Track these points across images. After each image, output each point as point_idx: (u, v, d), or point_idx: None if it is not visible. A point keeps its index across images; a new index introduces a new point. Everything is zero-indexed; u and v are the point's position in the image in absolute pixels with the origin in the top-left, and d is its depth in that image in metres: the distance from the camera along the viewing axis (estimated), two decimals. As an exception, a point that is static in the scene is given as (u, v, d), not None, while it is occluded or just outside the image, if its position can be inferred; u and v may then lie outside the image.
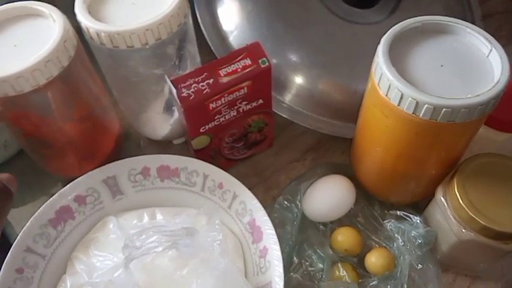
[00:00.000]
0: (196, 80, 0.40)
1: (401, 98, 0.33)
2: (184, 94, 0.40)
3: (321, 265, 0.44)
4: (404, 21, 0.37)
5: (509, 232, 0.36)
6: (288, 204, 0.45)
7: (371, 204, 0.48)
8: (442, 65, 0.35)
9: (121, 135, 0.52)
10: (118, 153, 0.51)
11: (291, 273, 0.43)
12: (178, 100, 0.40)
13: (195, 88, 0.40)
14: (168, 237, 0.35)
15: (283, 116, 0.52)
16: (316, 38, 0.52)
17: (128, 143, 0.56)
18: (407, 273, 0.43)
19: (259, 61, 0.42)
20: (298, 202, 0.45)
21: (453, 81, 0.34)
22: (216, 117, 0.44)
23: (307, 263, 0.44)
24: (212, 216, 0.40)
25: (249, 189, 0.51)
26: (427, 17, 0.37)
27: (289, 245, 0.43)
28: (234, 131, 0.48)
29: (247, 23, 0.53)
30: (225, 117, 0.45)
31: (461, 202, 0.38)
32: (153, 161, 0.45)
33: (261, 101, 0.46)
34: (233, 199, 0.43)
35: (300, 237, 0.46)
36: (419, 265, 0.43)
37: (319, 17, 0.53)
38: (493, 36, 0.36)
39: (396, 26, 0.37)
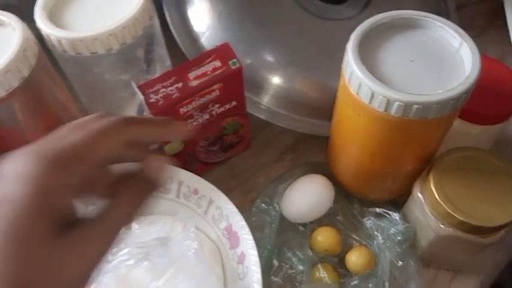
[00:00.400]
0: (165, 84, 0.39)
1: (372, 96, 0.33)
2: (152, 100, 0.39)
3: (301, 267, 0.43)
4: (373, 17, 0.37)
5: (487, 226, 0.36)
6: (266, 207, 0.45)
7: (350, 202, 0.48)
8: (412, 60, 0.35)
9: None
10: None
11: (272, 277, 0.43)
12: (146, 106, 0.39)
13: (164, 93, 0.39)
14: (140, 249, 0.34)
15: (260, 117, 0.51)
16: (290, 36, 0.52)
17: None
18: (389, 271, 0.42)
19: (230, 62, 0.41)
20: (276, 204, 0.45)
21: (424, 77, 0.34)
22: (188, 122, 0.43)
23: (287, 266, 0.43)
24: (187, 224, 0.39)
25: (227, 193, 0.51)
26: (396, 12, 0.37)
27: (267, 248, 0.42)
28: (209, 134, 0.47)
29: (218, 24, 0.52)
30: (197, 121, 0.43)
31: (437, 198, 0.37)
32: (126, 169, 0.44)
33: (234, 103, 0.45)
34: (209, 205, 0.42)
35: (280, 239, 0.45)
36: (400, 262, 0.42)
37: (292, 14, 0.52)
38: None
39: (365, 22, 0.36)
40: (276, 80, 0.51)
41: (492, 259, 0.46)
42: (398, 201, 0.46)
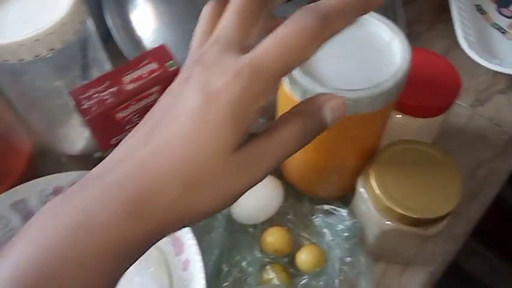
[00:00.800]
0: (98, 89, 0.38)
1: (304, 93, 0.33)
2: (85, 106, 0.37)
3: (251, 270, 0.42)
4: (306, 14, 0.36)
5: (427, 218, 0.37)
6: (213, 211, 0.44)
7: (300, 200, 0.47)
8: (344, 56, 0.35)
9: (35, 154, 0.49)
10: (34, 173, 0.47)
11: (221, 282, 0.42)
12: (79, 113, 0.37)
13: (97, 98, 0.38)
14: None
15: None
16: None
17: (47, 161, 0.53)
18: (339, 268, 0.42)
19: (167, 64, 0.40)
20: (222, 207, 0.44)
21: (355, 72, 0.34)
22: (127, 127, 0.41)
23: (236, 269, 0.43)
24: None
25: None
26: (328, 8, 0.37)
27: (213, 253, 0.42)
28: (153, 139, 0.45)
29: (161, 25, 0.51)
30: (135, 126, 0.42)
31: (378, 192, 0.37)
32: (64, 179, 0.42)
33: (176, 106, 0.44)
34: (153, 211, 0.41)
35: (230, 242, 0.44)
36: (349, 258, 0.42)
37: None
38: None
39: (298, 19, 0.36)
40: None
41: (441, 250, 0.46)
42: (348, 197, 0.46)
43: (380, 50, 0.35)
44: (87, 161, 0.52)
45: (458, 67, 0.60)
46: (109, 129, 0.40)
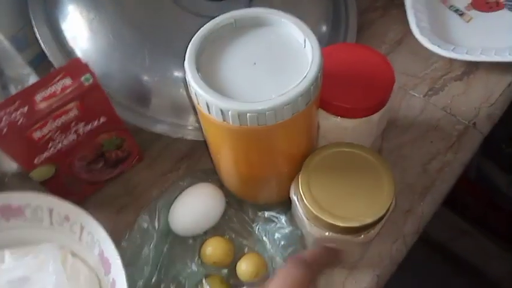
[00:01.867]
0: (7, 110, 0.36)
1: (208, 106, 0.31)
2: (-6, 129, 0.36)
3: (188, 284, 0.41)
4: (215, 19, 0.34)
5: (354, 226, 0.35)
6: (145, 226, 0.42)
7: (243, 207, 0.46)
8: (255, 63, 0.33)
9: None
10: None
11: (158, 298, 0.41)
12: (-12, 136, 0.36)
13: (8, 120, 0.36)
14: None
15: (147, 128, 0.48)
16: (168, 38, 0.49)
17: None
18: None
19: (82, 79, 0.38)
20: (156, 222, 0.43)
21: (265, 80, 0.32)
22: (49, 146, 0.40)
23: (174, 285, 0.41)
24: (49, 255, 0.37)
25: (121, 210, 0.49)
26: (241, 11, 0.35)
27: (144, 270, 0.40)
28: (84, 154, 0.44)
29: (91, 34, 0.49)
30: (62, 143, 0.41)
31: (305, 200, 0.36)
32: (-5, 200, 0.41)
33: (103, 119, 0.42)
34: (81, 231, 0.40)
35: (168, 257, 0.43)
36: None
37: (169, 14, 0.50)
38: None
39: (207, 25, 0.34)
40: (158, 86, 0.48)
41: (388, 252, 0.45)
42: (289, 203, 0.45)
43: (295, 55, 0.33)
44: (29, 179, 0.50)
45: (413, 55, 0.58)
46: (28, 150, 0.39)
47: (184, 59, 0.32)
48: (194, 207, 0.44)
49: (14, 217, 0.41)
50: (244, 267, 0.42)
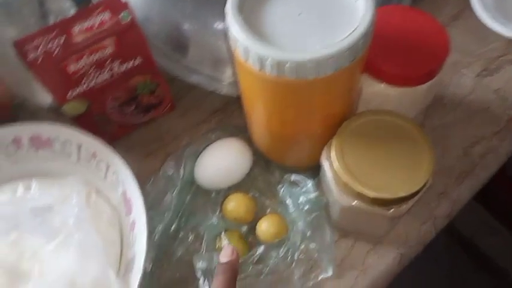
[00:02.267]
0: (45, 40, 0.36)
1: (246, 52, 0.29)
2: (30, 57, 0.35)
3: (206, 236, 0.41)
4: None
5: (386, 198, 0.33)
6: (170, 173, 0.42)
7: (270, 168, 0.45)
8: (300, 14, 0.30)
9: (4, 103, 0.48)
10: (2, 121, 0.47)
11: (176, 247, 0.41)
12: (25, 64, 0.36)
13: (43, 49, 0.36)
14: (6, 221, 0.32)
15: (183, 78, 0.47)
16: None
17: (23, 111, 0.52)
18: (300, 241, 0.40)
19: (121, 15, 0.37)
20: (182, 170, 0.42)
21: (310, 32, 0.30)
22: (83, 81, 0.40)
23: (192, 235, 0.41)
24: (74, 189, 0.37)
25: (149, 155, 0.49)
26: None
27: (165, 217, 0.40)
28: (117, 94, 0.44)
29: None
30: (96, 81, 0.40)
31: (336, 166, 0.34)
32: (23, 130, 0.41)
33: (139, 60, 0.41)
34: (107, 169, 0.40)
35: (190, 207, 0.43)
36: (311, 231, 0.40)
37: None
38: None
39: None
40: (198, 35, 0.47)
41: (417, 232, 0.43)
42: (318, 168, 0.43)
43: (344, 8, 0.30)
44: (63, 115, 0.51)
45: (470, 32, 0.53)
46: (61, 83, 0.39)
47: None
48: (221, 160, 0.43)
49: (43, 149, 0.42)
50: (265, 227, 0.41)
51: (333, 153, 0.35)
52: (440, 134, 0.47)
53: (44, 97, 0.49)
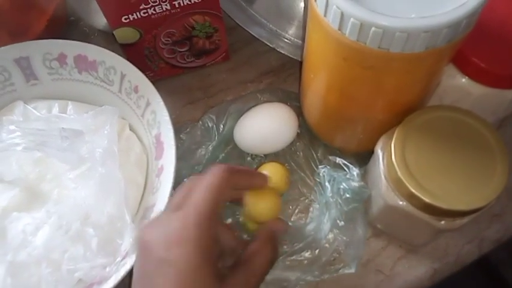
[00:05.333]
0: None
1: (327, 5, 0.25)
2: (90, -33, 0.33)
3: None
4: None
5: (442, 207, 0.29)
6: (210, 125, 0.39)
7: (315, 145, 0.41)
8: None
9: (59, 16, 0.46)
10: (53, 35, 0.45)
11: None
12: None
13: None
14: (34, 137, 0.31)
15: (246, 29, 0.44)
16: None
17: (76, 31, 0.50)
18: (329, 229, 0.37)
19: None
20: (222, 125, 0.39)
21: (407, -2, 0.25)
22: (141, 8, 0.37)
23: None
24: (109, 119, 0.35)
25: (191, 102, 0.46)
26: None
27: (193, 170, 0.38)
28: (173, 30, 0.41)
29: None
30: (154, 10, 0.37)
31: (393, 159, 0.30)
32: (70, 47, 0.39)
33: (202, -2, 0.38)
34: (146, 107, 0.38)
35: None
36: (342, 222, 0.36)
37: None
38: None
39: None
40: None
41: (458, 250, 0.39)
42: (367, 156, 0.39)
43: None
44: (112, 39, 0.49)
45: None
46: (120, 5, 0.36)
47: None
48: (264, 125, 0.40)
49: (87, 71, 0.40)
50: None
51: (392, 143, 0.31)
52: (510, 150, 0.42)
53: (99, 19, 0.47)
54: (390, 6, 0.24)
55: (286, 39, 0.43)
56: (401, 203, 0.31)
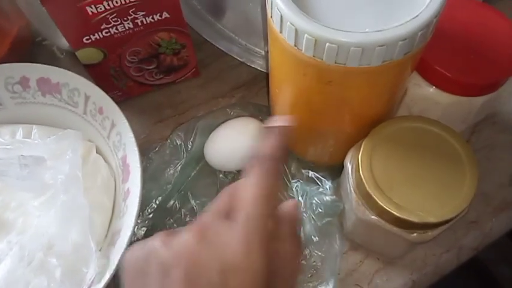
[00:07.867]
0: (65, -26, 0.32)
1: (281, 21, 0.25)
2: (46, -9, 0.32)
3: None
4: None
5: (410, 220, 0.28)
6: (178, 143, 0.38)
7: (289, 159, 0.40)
8: (355, -13, 0.26)
9: (23, 38, 0.45)
10: (19, 57, 0.44)
11: (170, 222, 0.38)
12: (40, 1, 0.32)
13: (62, -15, 0.32)
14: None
15: (213, 43, 0.43)
16: None
17: (43, 51, 0.49)
18: (304, 246, 0.36)
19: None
20: (190, 142, 0.38)
21: (362, 12, 0.25)
22: (103, 27, 0.36)
23: (187, 213, 0.38)
24: (71, 144, 0.34)
25: (160, 120, 0.45)
26: None
27: (162, 190, 0.37)
28: (138, 48, 0.40)
29: None
30: (117, 29, 0.37)
31: (361, 172, 0.30)
32: (32, 70, 0.38)
33: (166, 15, 0.37)
34: (111, 128, 0.37)
35: (192, 184, 0.39)
36: (316, 238, 0.36)
37: None
38: None
39: None
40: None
41: (436, 258, 0.38)
42: (341, 168, 0.38)
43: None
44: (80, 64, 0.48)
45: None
46: (79, 26, 0.35)
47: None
48: (235, 140, 0.39)
49: (51, 93, 0.39)
50: None
51: (359, 156, 0.30)
52: (485, 155, 0.42)
53: (63, 39, 0.46)
54: (345, 21, 0.24)
55: (256, 52, 0.43)
56: (372, 217, 0.31)
